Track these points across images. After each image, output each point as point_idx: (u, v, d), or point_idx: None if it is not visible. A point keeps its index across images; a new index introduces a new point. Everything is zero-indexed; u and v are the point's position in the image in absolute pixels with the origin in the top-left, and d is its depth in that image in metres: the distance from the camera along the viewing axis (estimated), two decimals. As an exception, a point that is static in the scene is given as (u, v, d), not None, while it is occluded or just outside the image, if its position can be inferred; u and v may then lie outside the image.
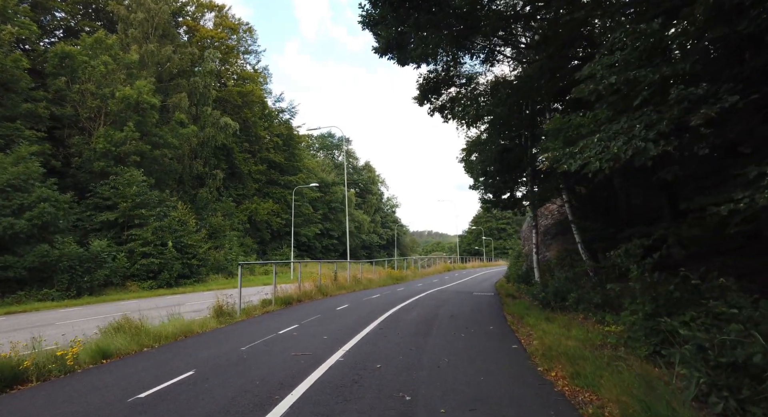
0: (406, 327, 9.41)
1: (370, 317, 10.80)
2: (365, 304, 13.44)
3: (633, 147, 4.56)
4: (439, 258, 55.03)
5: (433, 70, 12.91)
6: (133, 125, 28.10)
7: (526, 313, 10.66)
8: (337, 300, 14.85)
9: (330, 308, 12.61)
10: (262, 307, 12.01)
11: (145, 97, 28.83)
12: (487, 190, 18.38)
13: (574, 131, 6.35)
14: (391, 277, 24.94)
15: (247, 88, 45.29)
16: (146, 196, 27.19)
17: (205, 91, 40.60)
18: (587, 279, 13.31)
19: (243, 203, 46.09)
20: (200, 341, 8.22)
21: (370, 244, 78.05)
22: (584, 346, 6.70)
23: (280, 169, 53.65)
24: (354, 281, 20.03)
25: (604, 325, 8.47)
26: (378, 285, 22.30)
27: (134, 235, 26.38)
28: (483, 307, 12.94)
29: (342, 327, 9.48)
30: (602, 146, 5.03)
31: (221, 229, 37.17)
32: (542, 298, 12.21)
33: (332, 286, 17.09)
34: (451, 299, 15.31)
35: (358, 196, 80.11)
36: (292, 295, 13.52)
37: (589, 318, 9.96)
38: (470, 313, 11.52)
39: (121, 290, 24.47)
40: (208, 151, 40.99)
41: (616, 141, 4.83)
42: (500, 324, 9.89)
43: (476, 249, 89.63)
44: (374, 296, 16.25)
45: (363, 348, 7.43)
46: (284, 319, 10.74)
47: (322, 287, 16.19)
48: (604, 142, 5.07)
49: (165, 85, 38.09)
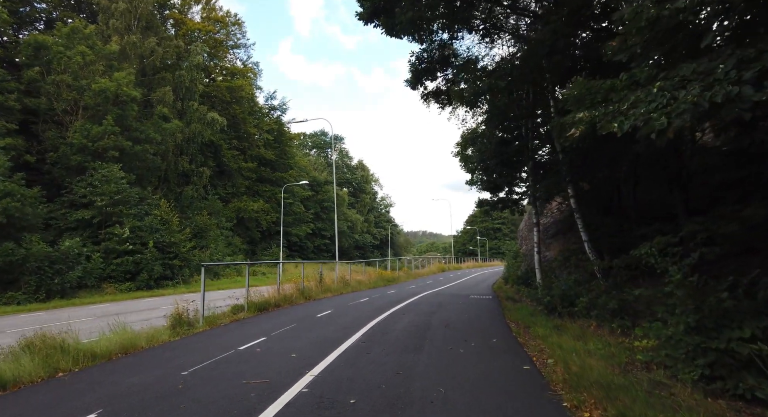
0: (393, 340, 8.11)
1: (353, 326, 9.48)
2: (350, 310, 12.13)
3: (722, 93, 3.30)
4: (433, 258, 53.81)
5: (426, 49, 11.64)
6: (113, 119, 26.67)
7: (532, 321, 9.43)
8: (321, 305, 13.51)
9: (309, 315, 11.26)
10: (232, 314, 10.65)
11: (125, 90, 27.40)
12: (485, 187, 17.15)
13: (600, 97, 5.12)
14: (382, 279, 23.65)
15: (236, 83, 43.86)
16: (125, 193, 25.76)
17: (192, 86, 39.14)
18: (596, 281, 12.12)
19: (232, 201, 44.67)
20: (137, 361, 6.74)
21: (364, 244, 76.73)
22: (610, 365, 5.48)
23: (271, 166, 52.23)
24: (342, 283, 18.77)
25: (626, 337, 7.26)
26: (368, 287, 21.02)
27: (111, 235, 24.96)
28: (482, 312, 11.72)
29: (318, 340, 8.11)
30: (667, 97, 3.81)
31: (207, 229, 35.75)
32: (547, 303, 11.00)
33: (317, 288, 15.75)
34: (447, 304, 14.14)
35: (351, 196, 78.80)
36: (269, 300, 12.15)
37: (603, 326, 8.76)
38: (468, 321, 10.27)
39: (96, 292, 23.04)
40: (195, 148, 39.56)
41: (688, 89, 3.60)
42: (504, 335, 8.63)
43: (471, 249, 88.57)
44: (362, 300, 15.01)
45: (337, 371, 6.03)
46: (252, 329, 9.35)
47: (305, 290, 14.86)
48: (668, 91, 3.84)
49: (149, 78, 36.63)
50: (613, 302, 8.66)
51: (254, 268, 38.21)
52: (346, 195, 72.58)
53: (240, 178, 45.66)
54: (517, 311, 11.37)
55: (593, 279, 12.76)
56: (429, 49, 11.75)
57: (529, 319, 9.85)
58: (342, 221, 67.17)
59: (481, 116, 15.32)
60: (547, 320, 9.65)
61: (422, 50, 11.75)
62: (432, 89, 12.38)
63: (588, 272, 12.93)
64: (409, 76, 11.92)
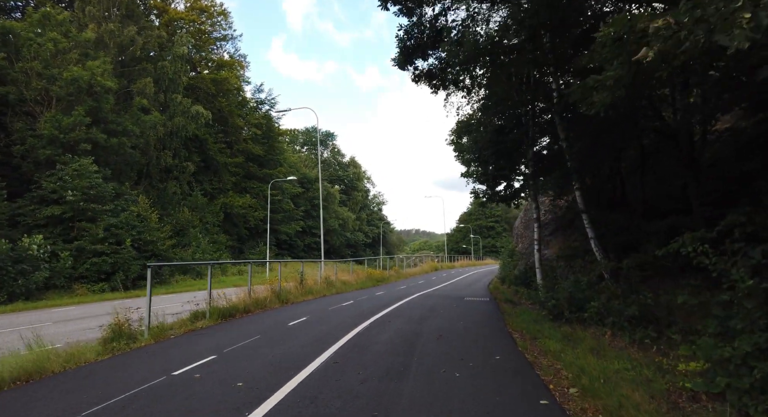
0: (373, 358, 6.62)
1: (327, 339, 7.98)
2: (330, 316, 10.65)
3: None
4: (426, 256, 52.58)
5: (416, 24, 10.32)
6: (87, 110, 25.15)
7: (538, 330, 8.20)
8: (297, 310, 11.97)
9: (280, 323, 9.75)
10: (190, 322, 9.09)
11: (99, 79, 25.85)
12: (481, 179, 15.90)
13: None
14: (371, 279, 22.27)
15: (221, 75, 42.29)
16: (99, 188, 24.27)
17: (176, 78, 37.57)
18: (604, 283, 10.93)
19: (218, 198, 43.16)
20: (32, 394, 5.10)
21: (356, 242, 75.44)
22: (650, 396, 4.23)
23: (259, 162, 50.73)
24: (326, 284, 17.44)
25: (655, 352, 6.04)
26: (355, 288, 19.65)
27: (84, 233, 23.46)
28: (479, 319, 10.46)
29: (279, 359, 6.54)
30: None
31: (190, 226, 34.27)
32: (552, 307, 9.78)
33: (297, 291, 14.39)
34: (439, 307, 12.85)
35: (343, 193, 77.42)
36: (237, 305, 10.78)
37: (620, 336, 7.55)
38: (464, 331, 8.88)
39: (66, 294, 21.58)
40: (178, 142, 38.00)
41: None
42: (508, 350, 7.18)
43: (464, 248, 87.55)
44: (346, 303, 13.59)
45: (290, 411, 4.47)
46: (205, 343, 7.71)
47: (282, 293, 13.52)
48: None
49: (129, 69, 35.05)
50: (633, 308, 7.45)
51: (239, 267, 36.80)
52: (338, 192, 71.17)
53: (227, 174, 44.15)
54: (518, 316, 10.13)
55: (601, 280, 11.59)
56: (419, 23, 10.44)
57: (533, 327, 8.61)
58: (333, 219, 65.87)
59: (477, 103, 14.06)
60: (554, 328, 8.43)
61: (411, 24, 10.44)
62: (423, 70, 11.04)
63: (595, 273, 11.74)
64: (397, 53, 10.59)
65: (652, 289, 9.25)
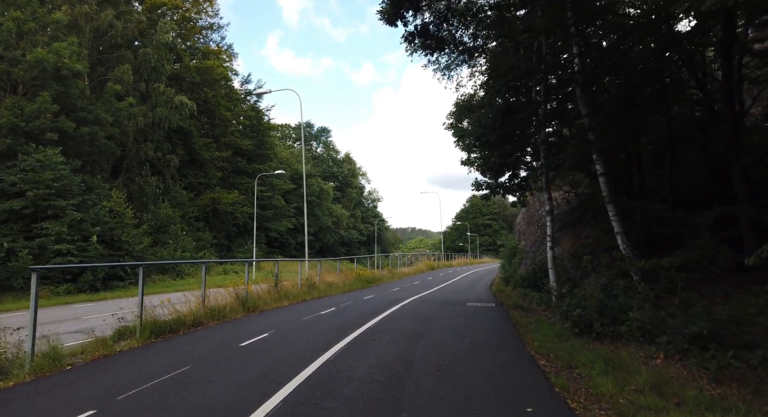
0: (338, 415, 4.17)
1: (282, 373, 5.53)
2: (298, 332, 8.27)
3: None
4: (421, 255, 50.63)
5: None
6: (53, 96, 23.08)
7: (569, 353, 6.25)
8: (262, 321, 9.71)
9: (228, 344, 7.29)
10: (112, 342, 6.87)
11: (67, 63, 23.75)
12: (483, 168, 13.98)
13: None
14: (360, 280, 20.05)
15: (206, 64, 40.14)
16: (66, 181, 22.22)
17: (158, 66, 35.45)
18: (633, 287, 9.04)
19: (204, 193, 41.07)
20: None
21: (350, 240, 73.41)
22: None
23: (248, 157, 48.65)
24: (307, 287, 15.38)
25: (751, 394, 4.15)
26: (342, 290, 17.54)
27: (47, 229, 21.40)
28: (489, 335, 8.31)
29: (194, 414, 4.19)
30: None
31: (170, 222, 32.20)
32: (578, 318, 7.85)
33: (270, 295, 12.36)
34: (437, 317, 10.60)
35: (337, 190, 75.35)
36: (184, 318, 8.40)
37: (677, 360, 5.65)
38: (472, 356, 6.46)
39: (24, 296, 19.52)
40: (161, 134, 35.91)
41: None
42: (542, 393, 4.75)
43: (461, 246, 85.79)
44: (325, 312, 11.33)
45: None
46: (103, 381, 5.27)
47: (249, 300, 11.23)
48: None
49: (107, 56, 32.94)
50: (700, 324, 5.52)
51: (224, 266, 34.79)
52: (331, 189, 69.12)
53: (212, 169, 42.04)
54: (536, 330, 8.17)
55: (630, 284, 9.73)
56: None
57: (561, 347, 6.65)
58: (326, 217, 63.85)
59: (480, 76, 12.12)
60: (587, 348, 6.53)
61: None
62: (417, 27, 9.06)
63: (621, 274, 9.84)
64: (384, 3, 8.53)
65: (703, 296, 7.37)
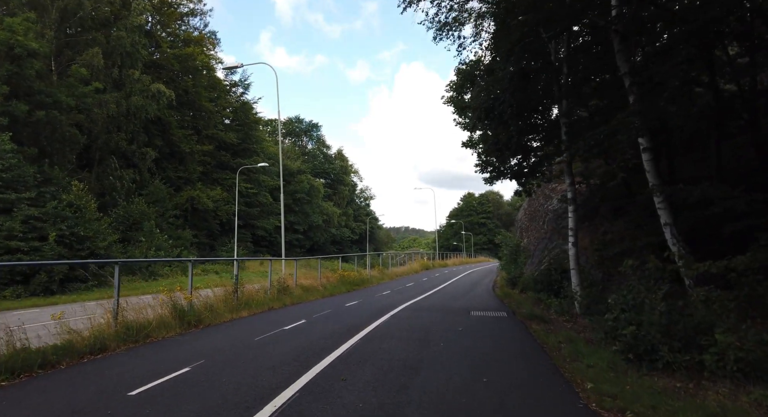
0: None
1: None
2: (232, 368, 5.76)
3: None
4: (415, 254, 48.37)
5: None
6: (4, 77, 20.65)
7: (646, 401, 4.04)
8: (197, 343, 7.29)
9: (114, 391, 4.87)
10: None
11: (21, 40, 21.30)
12: (490, 149, 11.76)
13: None
14: (344, 283, 17.33)
15: (186, 51, 37.62)
16: (17, 171, 19.80)
17: (133, 51, 32.95)
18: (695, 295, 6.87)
19: (184, 189, 38.58)
20: None
21: (342, 238, 71.05)
22: None
23: (233, 151, 46.17)
24: (278, 292, 12.79)
25: None
26: (321, 295, 14.97)
27: (-8, 225, 18.98)
28: (513, 367, 5.92)
29: None
30: None
31: (144, 219, 29.76)
32: (632, 340, 5.65)
33: (224, 305, 9.74)
34: (436, 337, 7.98)
35: (329, 187, 72.96)
36: (79, 343, 5.95)
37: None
38: (499, 411, 4.28)
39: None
40: (137, 125, 33.42)
41: None
42: None
43: (455, 245, 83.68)
44: (288, 327, 8.84)
45: None
46: None
47: (191, 311, 8.57)
48: None
49: (75, 39, 30.43)
50: None
51: (204, 266, 32.42)
52: (322, 186, 66.72)
53: (194, 163, 39.53)
54: (577, 357, 5.89)
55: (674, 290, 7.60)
56: None
57: (628, 391, 4.43)
58: (317, 214, 61.46)
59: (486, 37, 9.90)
60: (667, 393, 4.33)
61: None
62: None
63: (657, 278, 7.64)
64: None
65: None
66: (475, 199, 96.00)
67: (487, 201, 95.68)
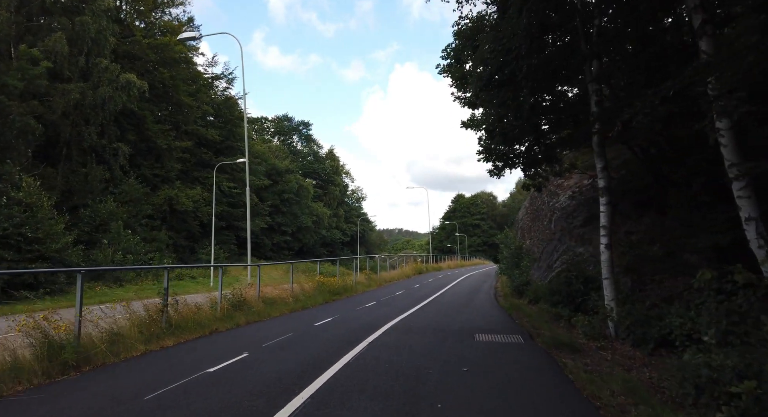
0: None
1: None
2: None
3: None
4: (409, 256, 46.05)
5: None
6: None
7: None
8: (45, 406, 4.61)
9: None
10: None
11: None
12: (495, 129, 9.51)
13: None
14: (323, 291, 14.75)
15: (162, 40, 35.18)
16: (-48, 163, 17.37)
17: (100, 38, 30.43)
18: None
19: (162, 188, 36.06)
20: None
21: (332, 240, 68.71)
22: None
23: (215, 148, 43.73)
24: (231, 308, 10.22)
25: None
26: (290, 309, 12.32)
27: None
28: None
29: None
30: None
31: (113, 219, 27.29)
32: (751, 403, 3.40)
33: (141, 331, 7.14)
34: (430, 387, 5.32)
35: (319, 188, 70.60)
36: None
37: None
38: None
39: None
40: (106, 117, 30.88)
41: None
42: None
43: (449, 246, 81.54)
44: (216, 368, 6.10)
45: None
46: None
47: (71, 346, 5.81)
48: None
49: (36, 24, 27.98)
50: None
51: (181, 270, 29.95)
52: (311, 186, 64.37)
53: (171, 160, 37.04)
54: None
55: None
56: None
57: None
58: (306, 215, 59.04)
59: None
60: None
61: None
62: None
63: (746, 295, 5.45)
64: None
65: None
66: (466, 200, 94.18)
67: (481, 202, 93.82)
